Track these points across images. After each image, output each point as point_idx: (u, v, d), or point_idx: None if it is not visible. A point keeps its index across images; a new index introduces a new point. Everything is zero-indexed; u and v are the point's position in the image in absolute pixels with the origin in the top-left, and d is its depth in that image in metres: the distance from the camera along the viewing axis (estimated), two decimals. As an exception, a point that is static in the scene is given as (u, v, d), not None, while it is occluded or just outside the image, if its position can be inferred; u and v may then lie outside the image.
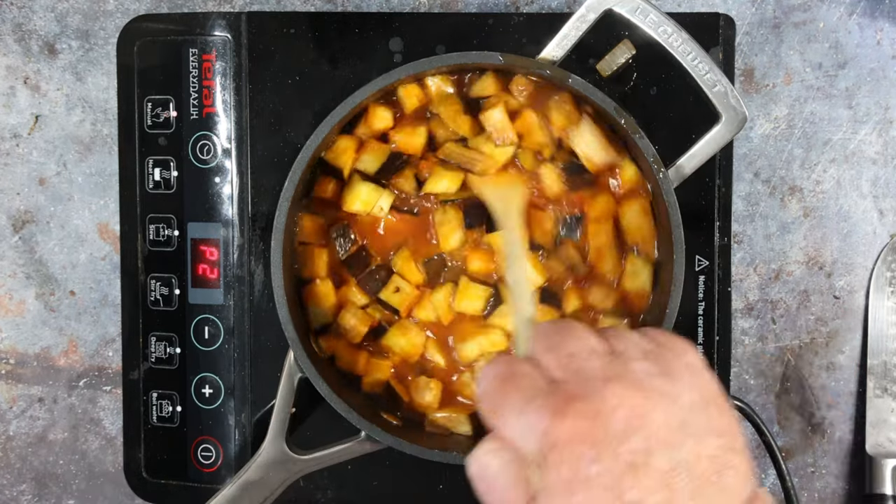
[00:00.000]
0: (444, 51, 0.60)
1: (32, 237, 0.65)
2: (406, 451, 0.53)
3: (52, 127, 0.64)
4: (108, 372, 0.65)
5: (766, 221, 0.64)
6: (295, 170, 0.53)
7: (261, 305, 0.61)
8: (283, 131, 0.60)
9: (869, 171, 0.64)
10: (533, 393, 0.34)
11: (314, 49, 0.60)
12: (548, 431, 0.32)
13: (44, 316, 0.65)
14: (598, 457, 0.32)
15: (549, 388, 0.34)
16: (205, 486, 0.61)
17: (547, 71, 0.53)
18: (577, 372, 0.35)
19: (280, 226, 0.53)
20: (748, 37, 0.63)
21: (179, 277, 0.61)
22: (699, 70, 0.52)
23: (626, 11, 0.52)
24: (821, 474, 0.66)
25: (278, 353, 0.57)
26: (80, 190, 0.65)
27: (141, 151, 0.61)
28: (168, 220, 0.61)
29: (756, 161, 0.64)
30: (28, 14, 0.64)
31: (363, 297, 0.57)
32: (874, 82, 0.63)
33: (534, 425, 0.33)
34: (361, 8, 0.63)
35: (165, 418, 0.61)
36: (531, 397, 0.34)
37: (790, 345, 0.65)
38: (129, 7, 0.63)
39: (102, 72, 0.64)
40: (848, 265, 0.64)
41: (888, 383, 0.64)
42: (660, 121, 0.59)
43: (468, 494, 0.64)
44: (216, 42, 0.60)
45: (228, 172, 0.60)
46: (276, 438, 0.55)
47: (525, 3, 0.63)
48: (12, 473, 0.66)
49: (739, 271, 0.64)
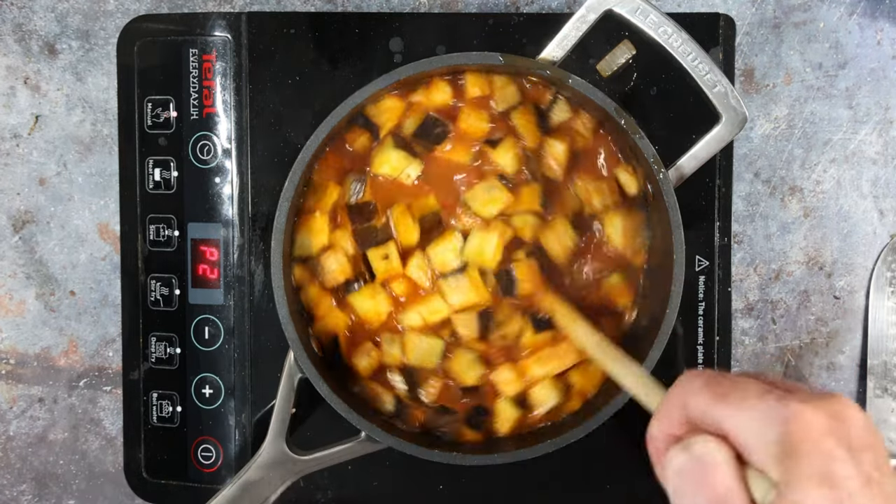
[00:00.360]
0: (445, 51, 0.60)
1: (32, 237, 0.65)
2: (406, 451, 0.53)
3: (52, 127, 0.64)
4: (109, 372, 0.65)
5: (766, 221, 0.64)
6: (295, 170, 0.53)
7: (261, 305, 0.61)
8: (283, 131, 0.60)
9: (869, 171, 0.64)
10: (765, 388, 0.33)
11: (314, 49, 0.60)
12: (796, 418, 0.31)
13: (44, 316, 0.66)
14: (848, 459, 0.31)
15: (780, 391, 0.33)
16: (205, 486, 0.61)
17: (547, 71, 0.53)
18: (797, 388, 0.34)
19: (280, 226, 0.53)
20: (748, 37, 0.63)
21: (179, 277, 0.61)
22: (699, 70, 0.52)
23: (626, 12, 0.52)
24: (821, 474, 0.66)
25: (278, 353, 0.57)
26: (81, 190, 0.65)
27: (141, 151, 0.61)
28: (168, 221, 0.61)
29: (756, 161, 0.64)
30: (28, 14, 0.64)
31: (352, 248, 0.56)
32: (874, 82, 0.63)
33: (779, 411, 0.32)
34: (361, 8, 0.63)
35: (165, 418, 0.61)
36: (766, 390, 0.33)
37: (790, 345, 0.65)
38: (129, 7, 0.63)
39: (102, 72, 0.64)
40: (848, 265, 0.64)
41: (888, 383, 0.64)
42: (660, 121, 0.59)
43: (468, 494, 0.64)
44: (216, 42, 0.60)
45: (228, 172, 0.61)
46: (277, 439, 0.55)
47: (525, 3, 0.63)
48: (12, 473, 0.66)
49: (739, 271, 0.64)
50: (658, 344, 0.52)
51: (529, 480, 0.61)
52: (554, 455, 0.53)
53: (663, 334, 0.52)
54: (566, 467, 0.61)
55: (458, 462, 0.53)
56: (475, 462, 0.53)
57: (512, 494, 0.61)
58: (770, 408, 0.32)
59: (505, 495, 0.61)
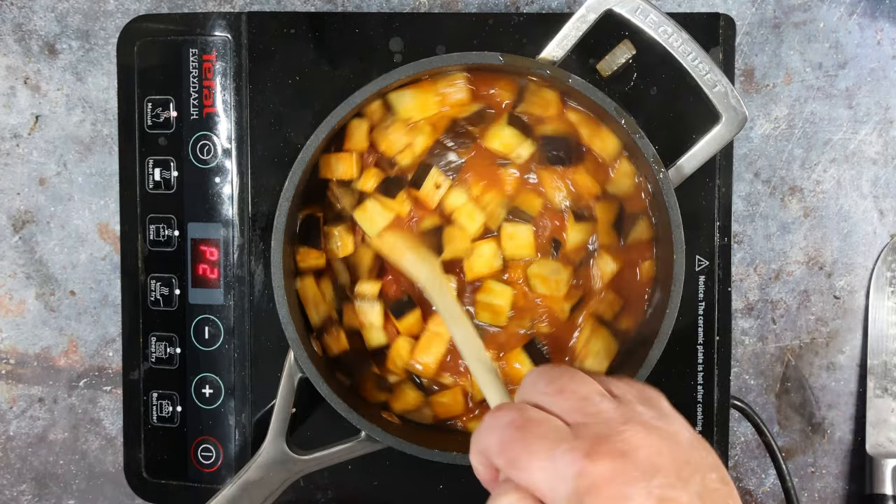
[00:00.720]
0: (444, 51, 0.59)
1: (32, 237, 0.65)
2: (406, 451, 0.53)
3: (52, 127, 0.64)
4: (109, 372, 0.65)
5: (766, 221, 0.64)
6: (295, 170, 0.53)
7: (261, 305, 0.61)
8: (283, 131, 0.60)
9: (869, 171, 0.64)
10: (557, 436, 0.35)
11: (314, 49, 0.60)
12: (583, 473, 0.33)
13: (44, 316, 0.66)
14: (635, 494, 0.32)
15: (572, 431, 0.35)
16: (205, 486, 0.61)
17: (547, 71, 0.53)
18: (595, 415, 0.36)
19: (280, 226, 0.53)
20: (748, 37, 0.63)
21: (179, 277, 0.61)
22: (699, 70, 0.52)
23: (626, 11, 0.52)
24: (821, 474, 0.66)
25: (278, 353, 0.57)
26: (81, 190, 0.65)
27: (141, 151, 0.61)
28: (168, 220, 0.61)
29: (756, 161, 0.64)
30: (28, 14, 0.64)
31: (372, 186, 0.56)
32: (874, 82, 0.63)
33: (566, 469, 0.33)
34: (361, 8, 0.63)
35: (165, 418, 0.61)
36: (557, 441, 0.34)
37: (790, 345, 0.65)
38: (129, 7, 0.63)
39: (102, 72, 0.64)
40: (848, 265, 0.64)
41: (888, 383, 0.64)
42: (660, 121, 0.59)
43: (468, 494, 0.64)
44: (216, 42, 0.60)
45: (228, 172, 0.60)
46: (277, 438, 0.55)
47: (525, 3, 0.63)
48: (12, 473, 0.66)
49: (739, 271, 0.64)
50: (658, 344, 0.52)
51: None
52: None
53: (663, 334, 0.52)
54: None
55: (458, 462, 0.53)
56: (475, 462, 0.53)
57: (512, 494, 0.61)
58: (557, 467, 0.34)
59: (505, 495, 0.61)
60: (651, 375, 0.52)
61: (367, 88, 0.53)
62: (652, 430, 0.35)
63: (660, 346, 0.52)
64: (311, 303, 0.57)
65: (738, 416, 0.63)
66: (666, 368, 0.55)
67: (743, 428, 0.65)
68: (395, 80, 0.53)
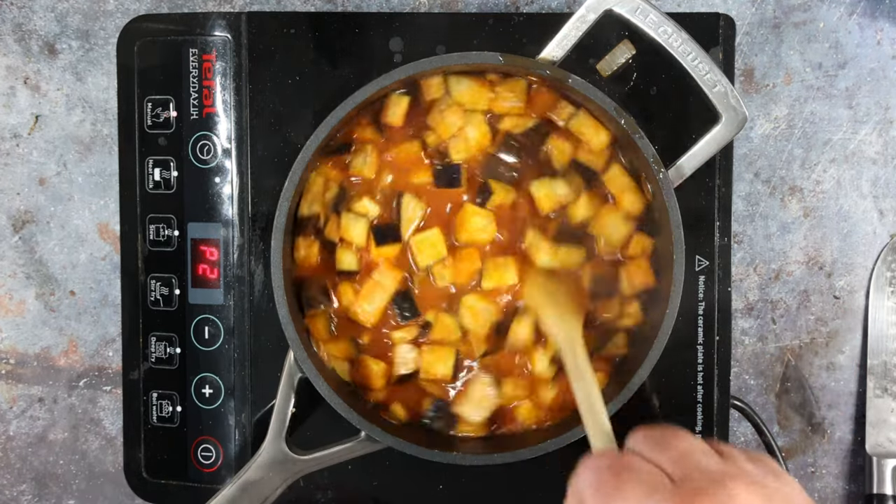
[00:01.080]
0: (444, 51, 0.60)
1: (32, 237, 0.65)
2: (406, 451, 0.53)
3: (52, 127, 0.64)
4: (108, 372, 0.65)
5: (766, 221, 0.64)
6: (295, 170, 0.53)
7: (261, 305, 0.61)
8: (283, 131, 0.60)
9: (869, 171, 0.64)
10: (654, 486, 0.34)
11: (314, 49, 0.60)
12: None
13: (44, 316, 0.66)
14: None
15: (671, 483, 0.34)
16: (205, 486, 0.61)
17: (547, 71, 0.53)
18: (696, 469, 0.35)
19: (280, 226, 0.53)
20: (748, 37, 0.63)
21: (179, 277, 0.61)
22: (699, 70, 0.53)
23: (626, 12, 0.52)
24: (821, 474, 0.66)
25: (278, 353, 0.57)
26: (80, 190, 0.65)
27: (141, 151, 0.61)
28: (168, 220, 0.61)
29: (756, 161, 0.64)
30: (28, 14, 0.64)
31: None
32: (874, 82, 0.63)
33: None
34: (361, 8, 0.63)
35: (165, 418, 0.61)
36: (653, 488, 0.34)
37: (790, 345, 0.65)
38: (129, 7, 0.63)
39: (102, 72, 0.64)
40: (848, 265, 0.64)
41: (888, 383, 0.64)
42: (660, 121, 0.59)
43: (468, 494, 0.64)
44: (216, 42, 0.60)
45: (228, 172, 0.61)
46: (276, 438, 0.55)
47: (525, 3, 0.63)
48: (12, 473, 0.66)
49: (739, 271, 0.64)
50: (658, 344, 0.52)
51: (529, 480, 0.61)
52: (554, 455, 0.53)
53: (663, 334, 0.52)
54: (567, 467, 0.61)
55: (458, 462, 0.53)
56: (475, 462, 0.53)
57: (512, 494, 0.61)
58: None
59: (505, 495, 0.61)
60: (651, 375, 0.52)
61: (367, 88, 0.53)
62: (762, 488, 0.34)
63: (660, 346, 0.52)
64: (311, 195, 0.56)
65: (738, 416, 0.63)
66: (666, 368, 0.55)
67: (743, 428, 0.65)
68: (395, 80, 0.53)
